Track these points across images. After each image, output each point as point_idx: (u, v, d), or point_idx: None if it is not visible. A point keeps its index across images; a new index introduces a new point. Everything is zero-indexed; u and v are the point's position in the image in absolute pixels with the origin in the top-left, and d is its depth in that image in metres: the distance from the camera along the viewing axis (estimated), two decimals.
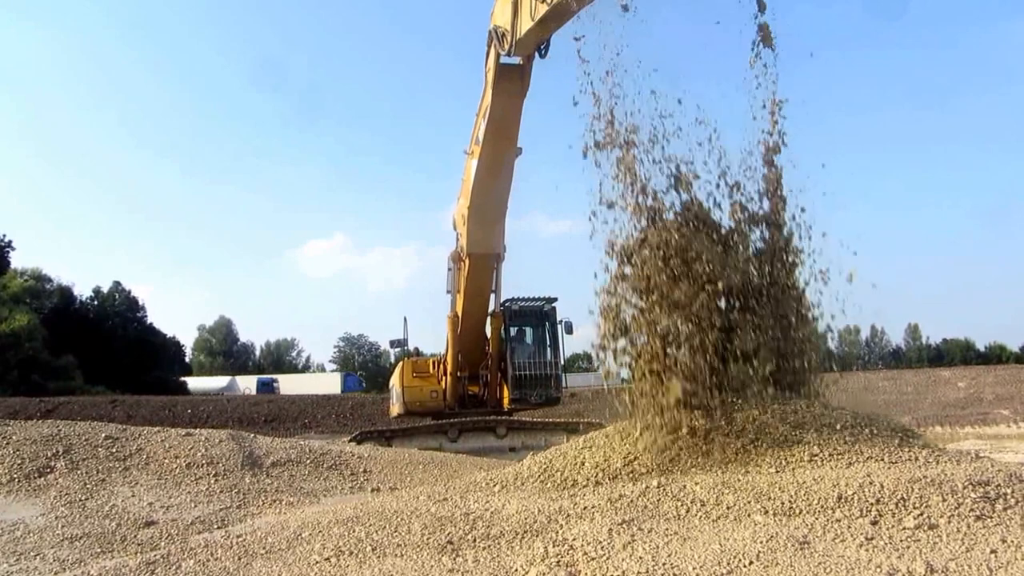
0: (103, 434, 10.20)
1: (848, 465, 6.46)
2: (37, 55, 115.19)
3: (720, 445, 6.96)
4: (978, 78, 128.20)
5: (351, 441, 16.23)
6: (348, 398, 40.77)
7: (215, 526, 7.32)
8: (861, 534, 5.04)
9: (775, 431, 7.04)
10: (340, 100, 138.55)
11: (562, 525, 5.76)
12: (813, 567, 4.46)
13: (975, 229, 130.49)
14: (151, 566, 5.54)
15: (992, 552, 4.56)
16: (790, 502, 5.74)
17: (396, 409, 19.95)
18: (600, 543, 5.15)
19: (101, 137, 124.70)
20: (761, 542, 4.87)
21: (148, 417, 31.07)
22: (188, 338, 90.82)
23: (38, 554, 6.58)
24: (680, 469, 6.74)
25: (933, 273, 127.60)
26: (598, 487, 6.78)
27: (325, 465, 10.23)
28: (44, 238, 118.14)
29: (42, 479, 8.86)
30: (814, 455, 6.68)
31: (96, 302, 65.18)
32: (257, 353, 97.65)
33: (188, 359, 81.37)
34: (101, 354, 55.80)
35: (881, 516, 5.38)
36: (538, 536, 5.58)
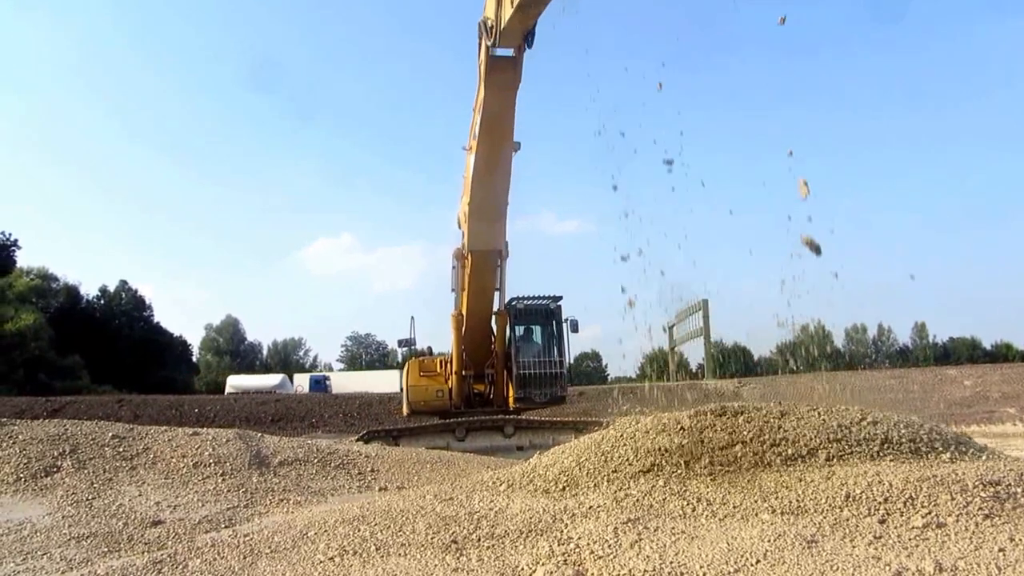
0: (110, 433, 10.21)
1: (857, 464, 6.44)
2: (44, 55, 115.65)
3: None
4: (976, 79, 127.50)
5: (358, 440, 16.24)
6: (356, 397, 40.73)
7: (222, 525, 7.32)
8: (869, 533, 5.02)
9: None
10: (349, 100, 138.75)
11: (567, 524, 5.75)
12: (820, 566, 4.44)
13: (982, 227, 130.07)
14: (158, 565, 5.55)
15: (1000, 551, 4.53)
16: (797, 501, 5.72)
17: (404, 408, 20.04)
18: (606, 542, 5.14)
19: (107, 136, 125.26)
20: (768, 541, 4.85)
21: (155, 416, 31.15)
22: (195, 337, 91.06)
23: (45, 553, 6.59)
24: (688, 469, 6.70)
25: (940, 272, 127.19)
26: (604, 486, 6.75)
27: (332, 464, 10.23)
28: (51, 237, 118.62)
29: (48, 478, 8.88)
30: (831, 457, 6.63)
31: (103, 301, 65.44)
32: (264, 352, 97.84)
33: (195, 358, 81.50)
34: (107, 353, 56.07)
35: (889, 515, 5.35)
36: (543, 535, 5.57)
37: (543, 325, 18.96)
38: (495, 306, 18.47)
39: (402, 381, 20.66)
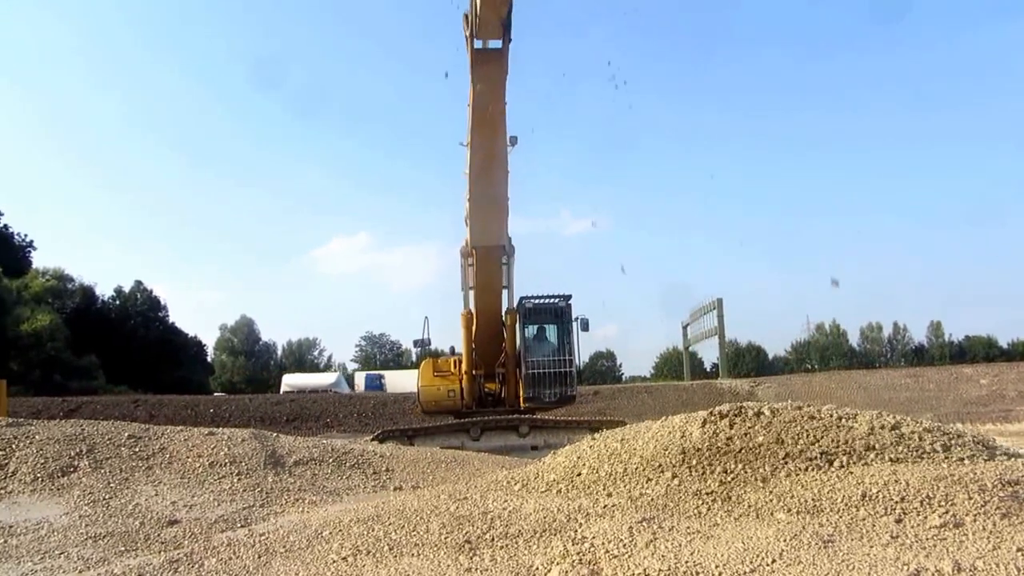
0: (126, 433, 10.27)
1: (873, 463, 6.39)
2: (60, 55, 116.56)
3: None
4: (989, 79, 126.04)
5: (373, 440, 16.26)
6: (371, 397, 40.82)
7: (238, 525, 7.35)
8: (886, 532, 4.99)
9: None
10: (363, 99, 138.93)
11: (581, 523, 5.74)
12: (837, 565, 4.42)
13: (998, 224, 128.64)
14: (174, 564, 5.59)
15: (1019, 551, 4.49)
16: (813, 500, 5.69)
17: (418, 408, 20.11)
18: (621, 541, 5.13)
19: (123, 137, 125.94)
20: (784, 540, 4.83)
21: (171, 416, 31.34)
22: (210, 337, 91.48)
23: (62, 553, 6.64)
24: (703, 469, 6.67)
25: (955, 270, 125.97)
26: (618, 485, 6.74)
27: (347, 464, 10.26)
28: (66, 238, 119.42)
29: (65, 478, 8.95)
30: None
31: (118, 302, 65.78)
32: (279, 352, 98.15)
33: (210, 358, 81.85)
34: (123, 354, 56.39)
35: (906, 514, 5.32)
36: (557, 535, 5.57)
37: (553, 324, 18.79)
38: (505, 304, 18.44)
39: (417, 381, 20.70)
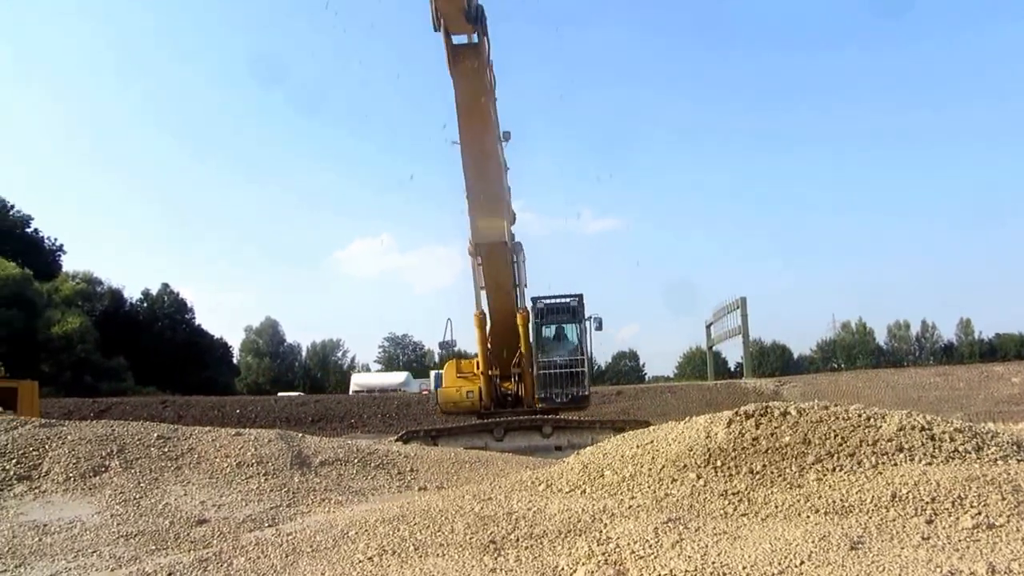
0: (155, 434, 10.40)
1: (903, 463, 6.30)
2: (87, 60, 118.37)
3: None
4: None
5: (397, 440, 16.31)
6: (394, 398, 41.04)
7: (265, 524, 7.43)
8: (917, 534, 4.92)
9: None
10: (386, 102, 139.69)
11: (606, 524, 5.72)
12: (867, 567, 4.36)
13: None
14: (204, 563, 5.66)
15: None
16: (842, 501, 5.62)
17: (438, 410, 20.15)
18: (647, 542, 5.11)
19: (150, 141, 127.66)
20: (813, 541, 4.78)
21: (198, 417, 31.74)
22: (235, 339, 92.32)
23: (95, 551, 6.75)
24: (729, 469, 6.62)
25: (984, 266, 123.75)
26: (643, 486, 6.71)
27: (372, 464, 10.31)
28: (94, 241, 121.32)
29: (97, 478, 9.08)
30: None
31: (145, 304, 66.71)
32: (304, 354, 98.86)
33: (236, 360, 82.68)
34: (151, 355, 57.15)
35: (937, 515, 5.24)
36: (582, 535, 5.56)
37: (565, 324, 18.65)
38: (520, 304, 18.32)
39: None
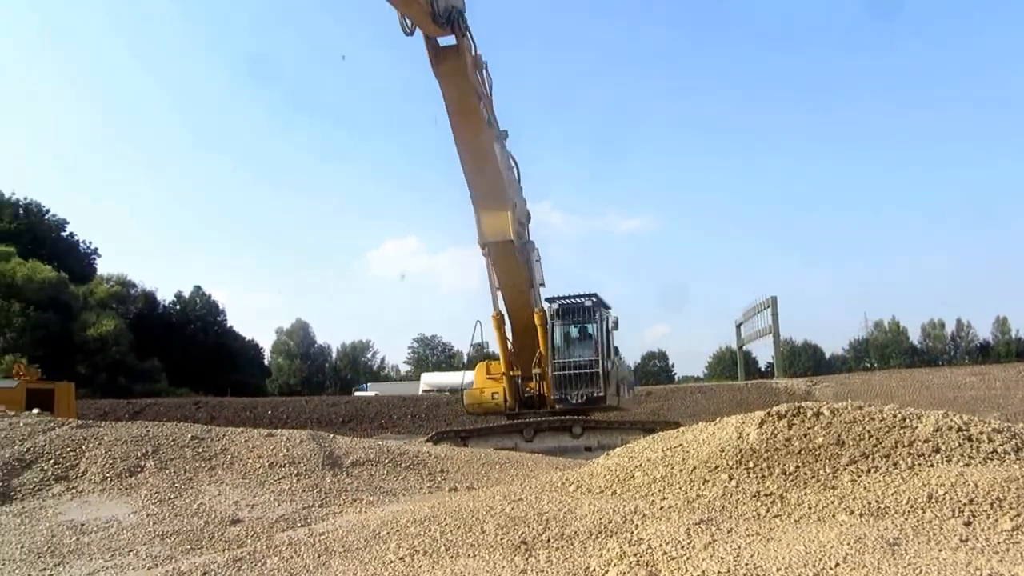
0: (189, 434, 10.55)
1: (939, 464, 6.18)
2: (122, 62, 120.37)
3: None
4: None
5: (427, 441, 16.38)
6: (424, 398, 41.22)
7: (298, 524, 7.51)
8: (955, 536, 4.83)
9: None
10: (414, 105, 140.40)
11: (637, 525, 5.70)
12: (904, 569, 4.29)
13: None
14: (238, 563, 5.73)
15: None
16: (877, 502, 5.54)
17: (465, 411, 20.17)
18: (679, 543, 5.07)
19: (181, 145, 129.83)
20: (848, 543, 4.71)
21: (230, 418, 32.14)
22: (266, 341, 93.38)
23: (131, 550, 6.87)
24: (762, 470, 6.54)
25: (1021, 263, 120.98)
26: (674, 486, 6.66)
27: (403, 465, 10.37)
28: (128, 244, 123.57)
29: (133, 478, 9.24)
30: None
31: (178, 307, 67.74)
32: (334, 355, 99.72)
33: (267, 361, 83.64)
34: (183, 357, 58.00)
35: (975, 517, 5.14)
36: (613, 536, 5.53)
37: (580, 324, 18.40)
38: (535, 304, 18.23)
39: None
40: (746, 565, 4.53)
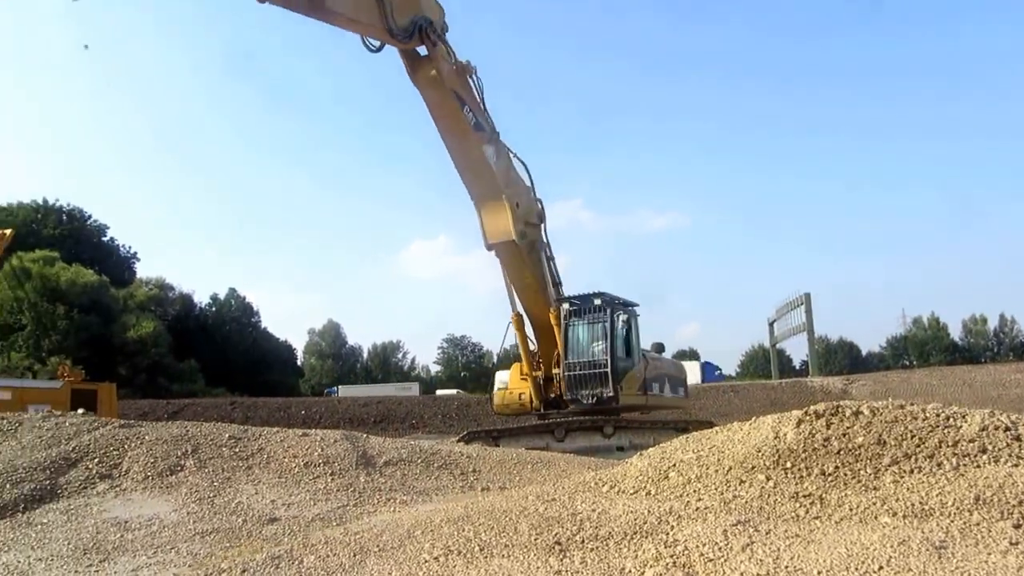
0: (227, 434, 10.69)
1: (985, 464, 6.02)
2: (160, 70, 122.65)
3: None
4: None
5: (459, 441, 16.43)
6: (454, 398, 41.43)
7: (334, 523, 7.56)
8: (1004, 538, 4.70)
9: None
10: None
11: (673, 526, 5.64)
12: (951, 573, 4.18)
13: None
14: (276, 561, 5.79)
15: None
16: (921, 503, 5.41)
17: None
18: (716, 544, 5.01)
19: (223, 149, 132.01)
20: (892, 546, 4.60)
21: (265, 418, 32.61)
22: (299, 342, 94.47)
23: (173, 548, 6.99)
24: (800, 470, 6.43)
25: None
26: (710, 487, 6.58)
27: (435, 465, 10.40)
28: (166, 247, 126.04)
29: (173, 477, 9.39)
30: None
31: (214, 309, 68.92)
32: (365, 355, 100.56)
33: (300, 362, 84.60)
34: (220, 358, 59.00)
35: None
36: (648, 537, 5.48)
37: (590, 324, 18.20)
38: (551, 303, 18.15)
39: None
40: (786, 568, 4.46)
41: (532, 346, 18.66)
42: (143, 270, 66.53)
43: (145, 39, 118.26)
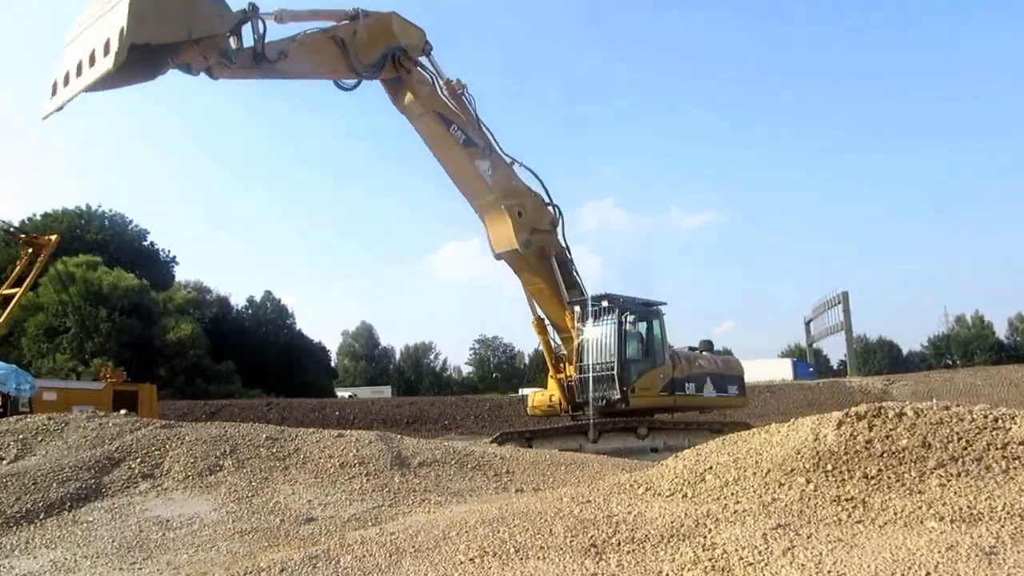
0: (264, 435, 10.83)
1: None
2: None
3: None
4: None
5: (492, 442, 16.42)
6: (486, 399, 41.48)
7: (369, 523, 7.60)
8: None
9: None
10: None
11: (711, 529, 5.56)
12: None
13: None
14: (313, 560, 5.83)
15: None
16: (969, 508, 5.26)
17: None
18: (756, 548, 4.92)
19: (259, 150, 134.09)
20: (939, 551, 4.48)
21: (300, 419, 32.95)
22: (333, 343, 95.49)
23: (213, 546, 7.10)
24: (841, 473, 6.30)
25: None
26: (748, 490, 6.48)
27: (469, 466, 10.41)
28: (203, 249, 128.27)
29: (212, 476, 9.54)
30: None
31: (250, 311, 69.84)
32: (397, 356, 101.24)
33: (333, 363, 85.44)
34: (256, 359, 59.78)
35: None
36: (685, 540, 5.41)
37: (599, 326, 17.95)
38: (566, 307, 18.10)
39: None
40: (829, 572, 4.36)
41: (559, 349, 18.67)
42: (181, 273, 67.80)
43: None
